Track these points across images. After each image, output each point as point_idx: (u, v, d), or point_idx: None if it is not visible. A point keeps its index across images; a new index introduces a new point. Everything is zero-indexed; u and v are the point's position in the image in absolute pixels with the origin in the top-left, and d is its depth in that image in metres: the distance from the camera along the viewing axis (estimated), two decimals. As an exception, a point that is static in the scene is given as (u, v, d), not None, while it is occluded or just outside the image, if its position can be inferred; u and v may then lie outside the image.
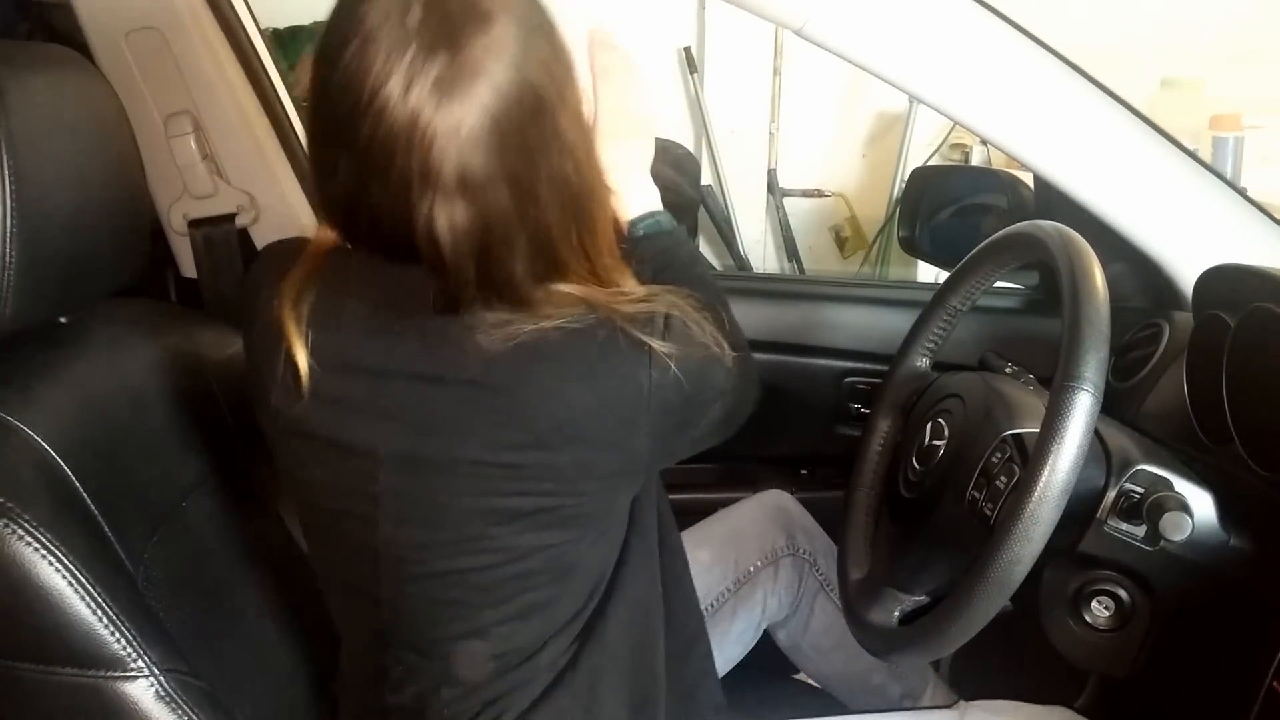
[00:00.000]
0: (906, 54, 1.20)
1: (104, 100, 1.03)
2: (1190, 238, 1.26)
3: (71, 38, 1.39)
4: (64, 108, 0.96)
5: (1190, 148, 1.29)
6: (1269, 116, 2.66)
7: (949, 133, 3.19)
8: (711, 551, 1.33)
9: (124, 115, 1.06)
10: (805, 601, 1.35)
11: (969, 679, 1.40)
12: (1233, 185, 1.30)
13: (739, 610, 1.33)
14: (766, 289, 1.78)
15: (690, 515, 1.37)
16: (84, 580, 0.83)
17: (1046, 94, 1.22)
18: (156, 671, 0.85)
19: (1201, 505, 0.92)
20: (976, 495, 0.96)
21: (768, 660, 1.37)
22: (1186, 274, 1.23)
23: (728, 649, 1.32)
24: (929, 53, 1.20)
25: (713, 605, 1.31)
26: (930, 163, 3.16)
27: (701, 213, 3.33)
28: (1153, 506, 0.90)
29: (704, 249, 3.40)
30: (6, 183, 0.86)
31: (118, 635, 0.84)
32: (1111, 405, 1.06)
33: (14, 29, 2.02)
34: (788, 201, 3.46)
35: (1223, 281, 1.11)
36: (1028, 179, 1.45)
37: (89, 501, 0.91)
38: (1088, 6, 2.85)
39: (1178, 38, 2.94)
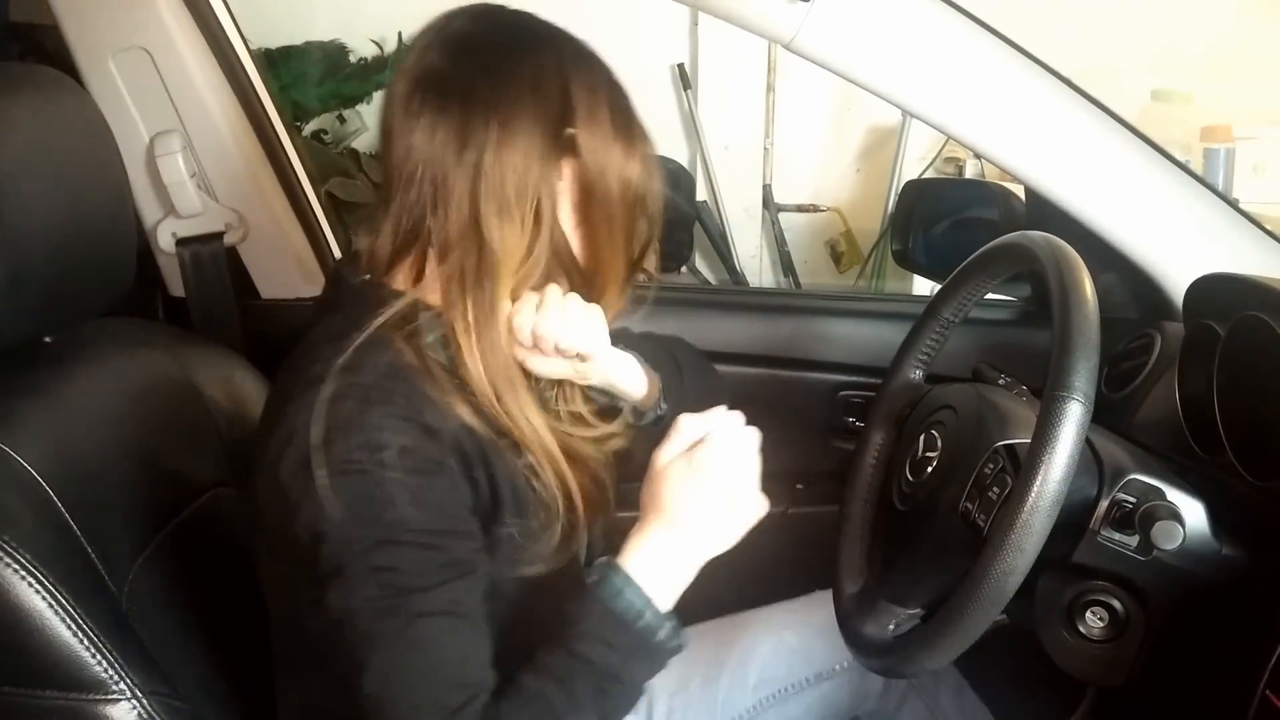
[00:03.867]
0: (896, 68, 1.20)
1: (88, 120, 1.04)
2: (1181, 248, 1.26)
3: (64, 60, 1.39)
4: (46, 128, 0.96)
5: (1182, 159, 1.29)
6: (1260, 128, 2.66)
7: (943, 146, 3.19)
8: (799, 636, 1.26)
9: (109, 135, 1.06)
10: (891, 701, 1.27)
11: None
12: (1223, 196, 1.30)
13: (813, 705, 1.25)
14: (760, 303, 1.78)
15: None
16: (65, 602, 0.83)
17: (1036, 106, 1.22)
18: (139, 694, 0.84)
19: (1193, 514, 0.91)
20: (969, 506, 0.96)
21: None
22: (1178, 284, 1.23)
23: None
24: (919, 66, 1.20)
25: (785, 690, 1.25)
26: (924, 176, 3.17)
27: (697, 228, 3.33)
28: (1145, 516, 0.89)
29: (699, 264, 3.40)
30: None
31: (99, 657, 0.83)
32: (1105, 415, 1.06)
33: (7, 52, 2.03)
34: (783, 217, 3.47)
35: (1213, 291, 1.11)
36: (1019, 191, 1.45)
37: (71, 522, 0.90)
38: (1078, 20, 2.86)
39: (1168, 51, 2.95)
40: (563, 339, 0.94)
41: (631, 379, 1.07)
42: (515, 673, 0.84)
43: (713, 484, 0.91)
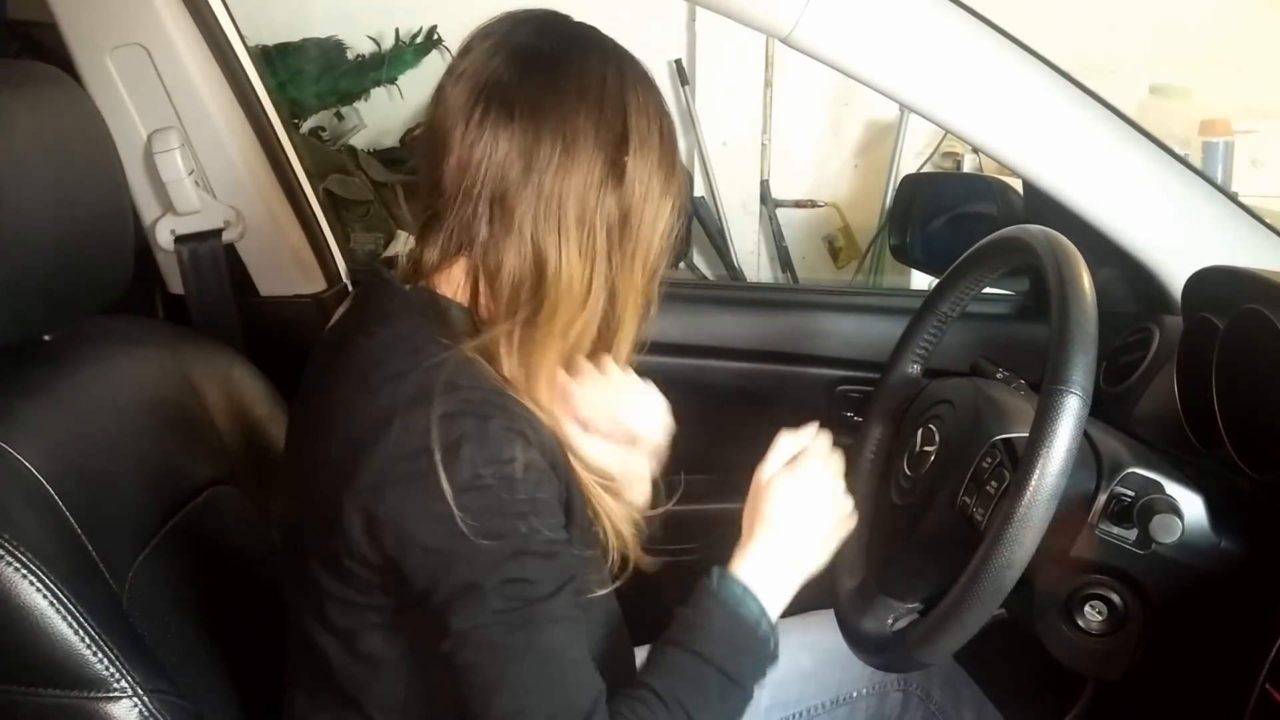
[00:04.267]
0: (894, 61, 1.20)
1: (85, 117, 1.03)
2: (1179, 242, 1.26)
3: (62, 57, 1.39)
4: (44, 126, 0.96)
5: (1181, 153, 1.28)
6: (1259, 121, 2.67)
7: (940, 141, 3.19)
8: (815, 660, 1.23)
9: (106, 132, 1.06)
10: None
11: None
12: (1222, 189, 1.30)
13: None
14: (758, 298, 1.78)
15: (679, 528, 1.35)
16: (66, 600, 0.83)
17: (1035, 101, 1.22)
18: (140, 692, 0.84)
19: (1192, 508, 0.91)
20: (967, 501, 0.96)
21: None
22: (1177, 278, 1.22)
23: None
24: (916, 60, 1.20)
25: (798, 715, 1.23)
26: (922, 171, 3.17)
27: (695, 224, 3.33)
28: (1143, 509, 0.89)
29: (697, 260, 3.40)
30: None
31: (100, 656, 0.83)
32: (1104, 410, 1.06)
33: (4, 49, 2.02)
34: (781, 212, 3.47)
35: (1212, 284, 1.10)
36: (1017, 185, 1.45)
37: (72, 521, 0.90)
38: (1077, 15, 2.86)
39: (1167, 45, 2.95)
40: (620, 409, 0.92)
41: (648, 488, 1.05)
42: (637, 675, 0.85)
43: (814, 494, 0.96)
